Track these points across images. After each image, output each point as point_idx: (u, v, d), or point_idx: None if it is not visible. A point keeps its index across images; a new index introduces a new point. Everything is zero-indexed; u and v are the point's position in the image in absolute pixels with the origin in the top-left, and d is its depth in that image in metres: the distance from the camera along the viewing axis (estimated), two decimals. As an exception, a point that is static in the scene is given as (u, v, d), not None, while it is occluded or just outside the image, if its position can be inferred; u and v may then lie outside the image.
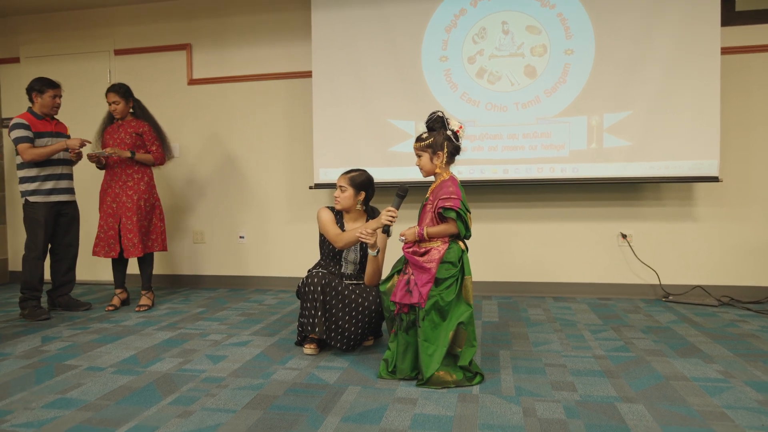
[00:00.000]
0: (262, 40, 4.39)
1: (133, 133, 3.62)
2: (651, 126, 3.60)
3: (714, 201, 3.80)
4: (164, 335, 2.98)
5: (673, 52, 3.55)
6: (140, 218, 3.59)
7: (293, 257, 4.39)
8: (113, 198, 3.60)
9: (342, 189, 2.70)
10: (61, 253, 3.61)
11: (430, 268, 2.18)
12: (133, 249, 3.54)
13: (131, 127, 3.64)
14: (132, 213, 3.55)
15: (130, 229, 3.54)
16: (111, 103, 3.60)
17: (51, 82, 3.49)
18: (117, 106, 3.59)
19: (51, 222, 3.48)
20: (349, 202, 2.70)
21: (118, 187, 3.61)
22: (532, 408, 1.96)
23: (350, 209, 2.73)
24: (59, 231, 3.57)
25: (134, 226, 3.54)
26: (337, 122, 4.03)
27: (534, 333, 2.97)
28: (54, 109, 3.53)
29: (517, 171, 3.80)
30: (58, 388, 2.18)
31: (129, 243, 3.54)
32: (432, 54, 3.87)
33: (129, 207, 3.56)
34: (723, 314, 3.35)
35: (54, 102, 3.50)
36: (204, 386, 2.19)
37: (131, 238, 3.54)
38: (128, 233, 3.54)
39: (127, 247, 3.55)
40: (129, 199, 3.58)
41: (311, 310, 2.51)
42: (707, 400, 2.00)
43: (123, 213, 3.57)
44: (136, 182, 3.62)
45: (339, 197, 2.70)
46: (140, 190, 3.62)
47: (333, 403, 2.01)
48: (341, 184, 2.71)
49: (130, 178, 3.62)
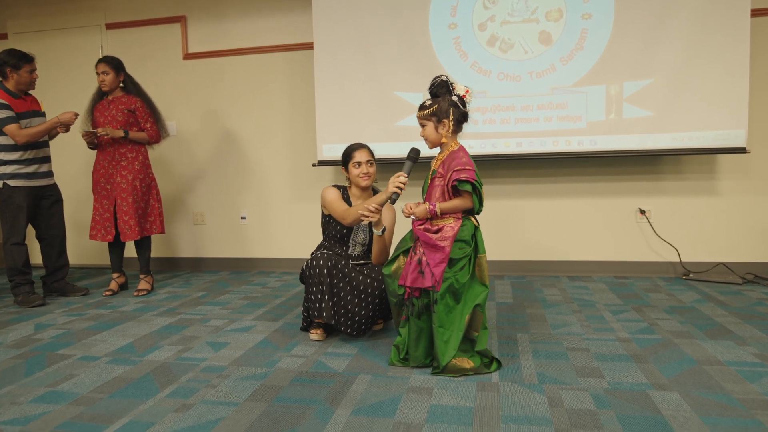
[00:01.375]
0: (260, 10, 4.16)
1: (124, 109, 3.42)
2: (674, 94, 3.39)
3: (738, 174, 3.61)
4: (163, 321, 2.84)
5: (698, 14, 3.31)
6: (136, 199, 3.43)
7: (297, 238, 4.23)
8: (107, 179, 3.44)
9: (370, 163, 2.52)
10: (49, 237, 3.45)
11: (444, 247, 2.01)
12: (130, 232, 3.39)
13: (122, 103, 3.43)
14: (127, 194, 3.40)
15: (126, 211, 3.39)
16: (100, 73, 3.39)
17: (26, 56, 3.26)
18: (106, 77, 3.39)
19: (32, 206, 3.32)
20: (375, 176, 2.56)
21: (111, 167, 3.44)
22: (558, 397, 1.81)
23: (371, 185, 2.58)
24: (42, 215, 3.41)
25: (129, 207, 3.39)
26: (341, 96, 3.83)
27: (552, 315, 2.81)
28: (31, 85, 3.32)
29: (531, 144, 3.60)
30: (48, 380, 2.05)
31: (125, 226, 3.39)
32: (440, 21, 3.65)
33: (124, 188, 3.41)
34: (749, 292, 3.19)
35: (31, 77, 3.30)
36: (204, 376, 2.05)
37: (127, 220, 3.39)
38: (124, 215, 3.39)
39: (124, 230, 3.39)
40: (123, 180, 3.42)
41: (317, 294, 2.35)
42: (747, 387, 1.85)
43: (118, 194, 3.42)
44: (130, 162, 3.45)
45: (369, 172, 2.51)
46: (135, 170, 3.45)
47: (342, 393, 1.87)
48: (369, 158, 2.52)
49: (124, 158, 3.45)
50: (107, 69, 3.39)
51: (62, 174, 4.46)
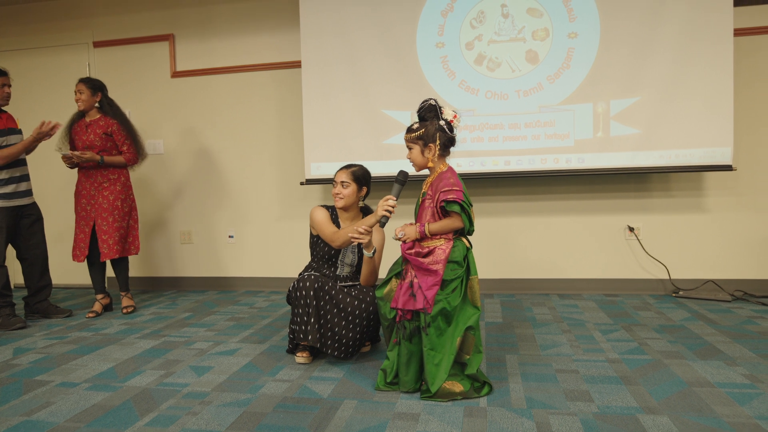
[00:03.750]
0: (248, 29, 4.17)
1: (102, 133, 3.42)
2: (661, 112, 3.41)
3: (726, 191, 3.62)
4: (146, 344, 2.78)
5: (683, 33, 3.35)
6: (116, 219, 3.44)
7: (285, 257, 4.19)
8: (88, 200, 3.44)
9: (344, 185, 2.49)
10: (30, 257, 3.39)
11: (437, 270, 1.99)
12: (109, 251, 3.38)
13: (99, 126, 3.43)
14: (108, 214, 3.41)
15: (106, 231, 3.39)
16: (76, 92, 3.40)
17: None
18: (81, 96, 3.39)
19: (12, 227, 3.26)
20: (352, 198, 2.51)
21: (93, 188, 3.44)
22: (546, 422, 1.77)
23: (351, 207, 2.54)
24: (23, 234, 3.35)
25: (110, 227, 3.40)
26: (329, 114, 3.82)
27: (541, 334, 2.78)
28: (4, 100, 3.27)
29: (520, 162, 3.60)
30: (24, 408, 1.98)
31: (104, 245, 3.38)
32: (428, 40, 3.67)
33: (105, 208, 3.42)
34: (738, 310, 3.18)
35: (3, 92, 3.24)
36: (186, 403, 2.00)
37: (106, 239, 3.38)
38: (103, 235, 3.38)
39: (103, 249, 3.38)
40: (105, 200, 3.43)
41: (303, 317, 2.31)
42: (737, 410, 1.83)
43: (98, 215, 3.42)
44: (112, 183, 3.47)
45: (341, 193, 2.49)
46: (117, 190, 3.47)
47: (327, 420, 1.82)
48: (343, 179, 2.50)
49: (106, 179, 3.46)
50: (83, 88, 3.40)
51: (45, 191, 4.42)
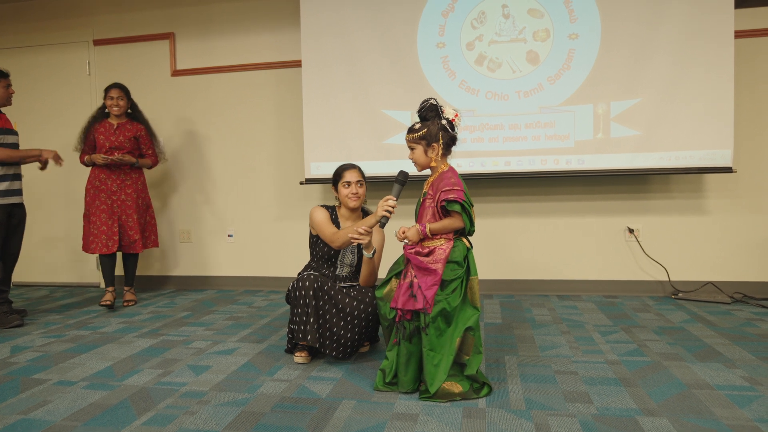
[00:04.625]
0: (249, 28, 4.16)
1: (131, 137, 3.66)
2: (661, 114, 3.41)
3: (726, 193, 3.62)
4: (145, 343, 2.77)
5: (684, 35, 3.35)
6: (140, 216, 3.72)
7: (284, 256, 4.18)
8: (108, 195, 3.63)
9: (360, 184, 2.50)
10: (4, 257, 3.29)
11: (436, 270, 1.98)
12: (135, 245, 3.66)
13: (128, 130, 3.65)
14: (132, 211, 3.67)
15: (131, 226, 3.66)
16: (114, 98, 3.59)
17: (1, 71, 3.25)
18: (121, 102, 3.61)
19: (4, 225, 3.23)
20: (364, 197, 2.53)
21: (116, 185, 3.65)
22: (545, 424, 1.77)
23: (360, 206, 2.55)
24: (7, 234, 3.27)
25: (135, 223, 3.67)
26: (329, 114, 3.82)
27: (540, 336, 2.78)
28: (7, 102, 3.28)
29: (519, 163, 3.60)
30: (21, 406, 1.98)
31: (130, 240, 3.66)
32: (428, 40, 3.66)
33: (129, 205, 3.67)
34: (737, 312, 3.18)
35: (7, 92, 3.26)
36: (183, 402, 1.99)
37: (132, 234, 3.65)
38: (129, 230, 3.65)
39: (128, 243, 3.65)
40: (129, 198, 3.67)
41: (303, 316, 2.31)
42: (736, 412, 1.82)
43: (123, 211, 3.65)
44: (134, 181, 3.71)
45: (358, 193, 2.48)
46: (138, 189, 3.73)
47: (325, 420, 1.82)
48: (359, 178, 2.49)
49: (129, 178, 3.69)
50: (122, 94, 3.61)
51: (35, 190, 4.41)
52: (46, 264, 4.56)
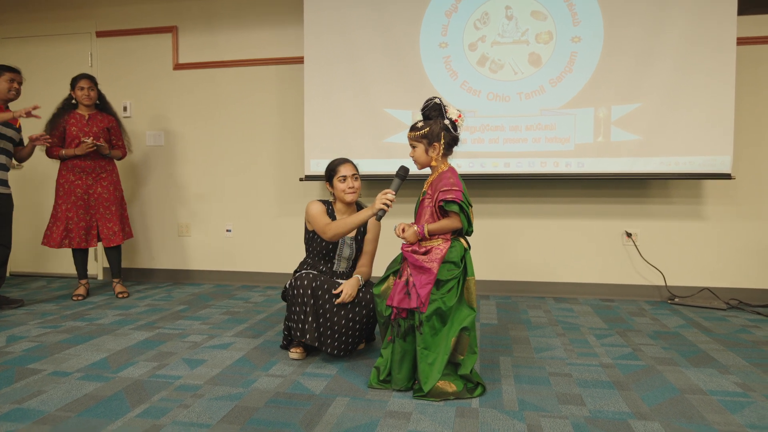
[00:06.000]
0: (252, 23, 4.16)
1: (104, 128, 3.65)
2: (661, 119, 3.41)
3: (724, 199, 3.63)
4: (140, 335, 2.78)
5: (686, 41, 3.35)
6: (117, 208, 3.72)
7: (282, 252, 4.18)
8: (84, 190, 3.59)
9: (355, 177, 2.50)
10: None
11: (431, 268, 1.98)
12: (114, 237, 3.66)
13: (100, 121, 3.65)
14: (110, 203, 3.68)
15: (109, 219, 3.66)
16: (85, 88, 3.56)
17: (7, 66, 3.28)
18: (92, 93, 3.60)
19: None
20: (360, 192, 2.55)
21: (91, 179, 3.63)
22: (537, 425, 1.77)
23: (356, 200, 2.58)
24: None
25: (113, 215, 3.68)
26: (330, 111, 3.82)
27: (535, 337, 2.79)
28: (12, 94, 3.29)
29: (519, 165, 3.60)
30: (15, 396, 1.98)
31: (109, 232, 3.65)
32: (431, 40, 3.66)
33: (106, 197, 3.66)
34: (732, 318, 3.19)
35: (11, 86, 3.27)
36: (177, 395, 2.00)
37: (111, 227, 3.65)
38: (107, 222, 3.65)
39: (108, 236, 3.64)
40: (105, 190, 3.67)
41: (301, 315, 2.31)
42: (728, 418, 1.83)
43: (100, 204, 3.64)
44: (109, 174, 3.70)
45: (354, 186, 2.49)
46: (113, 181, 3.72)
47: (318, 417, 1.82)
48: (354, 172, 2.50)
49: (104, 170, 3.68)
50: (92, 85, 3.59)
51: (32, 180, 4.42)
52: (43, 255, 4.56)
